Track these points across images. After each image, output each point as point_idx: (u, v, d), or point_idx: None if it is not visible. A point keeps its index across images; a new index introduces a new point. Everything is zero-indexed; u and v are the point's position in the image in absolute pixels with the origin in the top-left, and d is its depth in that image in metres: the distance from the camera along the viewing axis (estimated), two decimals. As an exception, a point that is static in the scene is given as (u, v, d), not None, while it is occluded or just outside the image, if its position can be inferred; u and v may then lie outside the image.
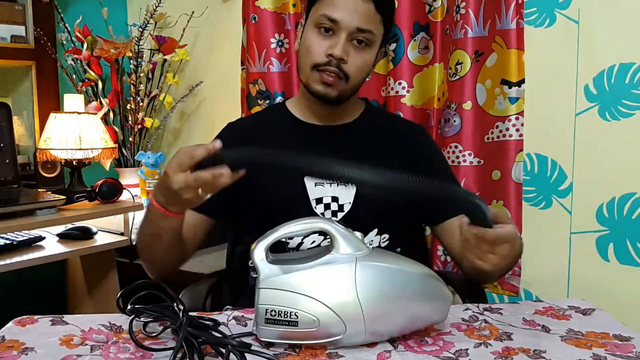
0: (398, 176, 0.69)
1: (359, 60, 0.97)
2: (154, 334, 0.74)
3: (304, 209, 0.98)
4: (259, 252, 0.72)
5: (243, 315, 0.83)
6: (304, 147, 1.03)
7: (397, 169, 1.05)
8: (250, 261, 0.73)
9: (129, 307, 0.75)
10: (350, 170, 0.69)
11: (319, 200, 0.99)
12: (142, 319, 0.74)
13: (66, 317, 0.80)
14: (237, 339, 0.67)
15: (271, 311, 0.69)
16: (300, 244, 0.99)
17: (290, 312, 0.69)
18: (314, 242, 0.98)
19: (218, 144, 0.76)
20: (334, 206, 0.99)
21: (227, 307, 0.92)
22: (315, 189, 1.00)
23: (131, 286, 0.78)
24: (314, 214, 0.98)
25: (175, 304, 0.74)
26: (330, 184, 1.00)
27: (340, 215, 0.99)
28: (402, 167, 1.05)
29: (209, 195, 0.78)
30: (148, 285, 0.79)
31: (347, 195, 1.00)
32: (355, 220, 0.97)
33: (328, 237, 0.95)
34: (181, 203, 0.80)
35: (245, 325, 0.80)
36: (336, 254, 0.72)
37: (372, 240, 1.01)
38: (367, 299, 0.69)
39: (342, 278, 0.70)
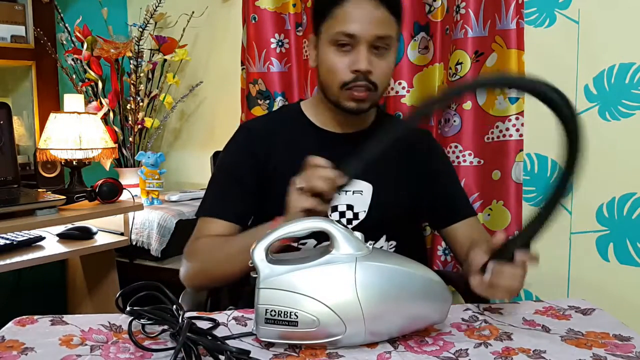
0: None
1: (383, 66, 0.95)
2: (154, 335, 0.74)
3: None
4: (259, 252, 0.72)
5: (243, 315, 0.83)
6: (322, 151, 1.02)
7: (406, 172, 1.06)
8: (250, 261, 0.73)
9: (128, 308, 0.75)
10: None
11: (334, 208, 0.99)
12: (141, 320, 0.74)
13: (66, 317, 0.80)
14: (235, 347, 0.66)
15: (271, 311, 0.69)
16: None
17: (290, 312, 0.69)
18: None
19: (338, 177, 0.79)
20: (349, 214, 0.99)
21: (231, 307, 0.92)
22: None
23: (131, 286, 0.78)
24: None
25: (174, 307, 0.74)
26: (346, 192, 0.99)
27: (355, 222, 0.99)
28: (411, 170, 1.06)
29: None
30: (148, 286, 0.79)
31: (362, 203, 1.00)
32: (369, 228, 0.96)
33: None
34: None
35: (245, 325, 0.80)
36: (336, 254, 0.72)
37: (382, 247, 1.01)
38: (367, 299, 0.69)
39: (342, 278, 0.70)
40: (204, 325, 0.78)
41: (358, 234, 0.75)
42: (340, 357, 0.69)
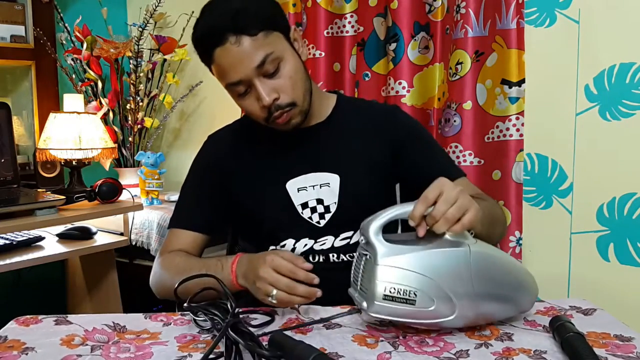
0: None
1: (285, 79, 0.91)
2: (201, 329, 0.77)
3: (290, 215, 0.98)
4: (374, 228, 0.73)
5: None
6: (284, 151, 1.02)
7: (375, 156, 1.04)
8: (361, 237, 0.73)
9: (185, 305, 0.78)
10: None
11: (304, 205, 0.98)
12: (198, 314, 0.78)
13: (70, 317, 0.80)
14: (269, 352, 0.64)
15: (390, 288, 0.71)
16: (293, 249, 0.98)
17: (410, 291, 0.71)
18: (305, 245, 0.98)
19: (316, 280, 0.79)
20: (320, 208, 0.98)
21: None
22: (298, 194, 0.98)
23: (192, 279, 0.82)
24: (301, 219, 0.98)
25: (229, 304, 0.75)
26: (314, 186, 0.99)
27: (328, 216, 0.98)
28: (383, 153, 1.03)
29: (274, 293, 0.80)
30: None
31: (331, 195, 0.98)
32: (343, 219, 0.97)
33: (320, 242, 0.97)
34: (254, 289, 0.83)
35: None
36: (449, 239, 0.73)
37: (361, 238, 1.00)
38: (479, 284, 0.72)
39: (459, 263, 0.72)
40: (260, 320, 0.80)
41: None
42: (341, 357, 0.69)
